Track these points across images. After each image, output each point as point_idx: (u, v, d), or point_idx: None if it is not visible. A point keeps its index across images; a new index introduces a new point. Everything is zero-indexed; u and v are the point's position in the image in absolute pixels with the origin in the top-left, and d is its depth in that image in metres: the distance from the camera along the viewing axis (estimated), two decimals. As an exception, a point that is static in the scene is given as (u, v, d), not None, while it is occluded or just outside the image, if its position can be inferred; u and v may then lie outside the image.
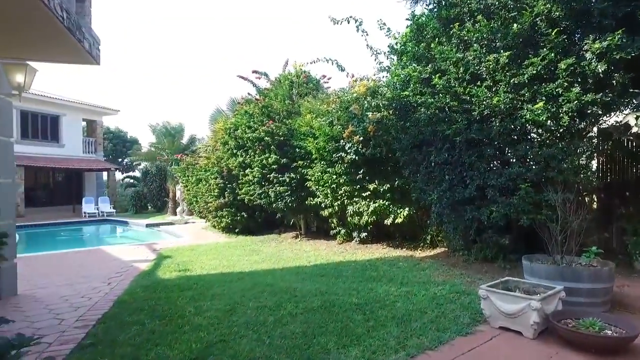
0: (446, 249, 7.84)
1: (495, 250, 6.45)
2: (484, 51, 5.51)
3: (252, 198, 11.15)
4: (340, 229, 9.66)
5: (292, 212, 10.75)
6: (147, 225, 17.27)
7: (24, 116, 21.49)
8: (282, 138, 9.95)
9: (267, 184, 10.52)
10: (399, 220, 7.90)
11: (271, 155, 10.07)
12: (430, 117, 6.08)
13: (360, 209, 8.38)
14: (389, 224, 8.09)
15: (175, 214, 19.57)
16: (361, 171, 8.20)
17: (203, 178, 13.68)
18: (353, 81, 7.15)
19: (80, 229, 18.24)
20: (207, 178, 13.36)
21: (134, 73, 63.11)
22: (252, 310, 4.73)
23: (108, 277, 7.02)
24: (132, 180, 29.53)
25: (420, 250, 8.21)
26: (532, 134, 5.80)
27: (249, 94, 10.79)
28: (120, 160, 29.40)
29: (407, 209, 7.86)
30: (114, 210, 22.55)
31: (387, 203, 8.06)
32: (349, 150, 7.95)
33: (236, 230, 12.62)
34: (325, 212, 9.33)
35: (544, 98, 5.19)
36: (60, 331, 4.30)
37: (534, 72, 5.19)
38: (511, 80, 5.37)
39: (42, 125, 22.45)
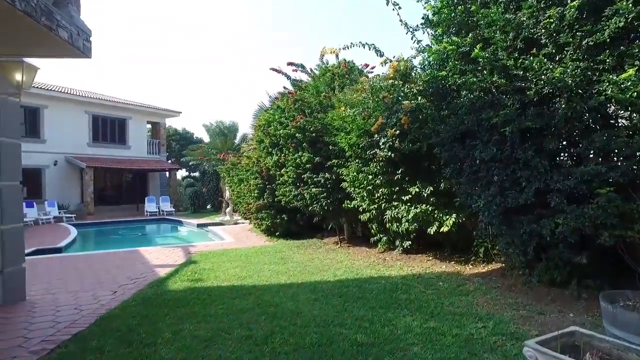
0: (503, 265, 6.39)
1: (567, 271, 4.91)
2: (542, 5, 4.11)
3: (288, 200, 10.35)
4: (381, 236, 8.51)
5: (330, 216, 9.77)
6: (198, 225, 17.27)
7: (95, 120, 22.74)
8: (313, 134, 9.01)
9: (301, 184, 9.66)
10: (444, 229, 6.60)
11: (304, 154, 9.18)
12: (472, 101, 4.78)
13: (399, 215, 7.18)
14: (432, 232, 6.81)
15: (226, 214, 19.44)
16: (399, 171, 7.01)
17: (244, 178, 13.19)
18: (382, 62, 5.99)
19: (137, 227, 18.75)
20: (247, 178, 12.84)
21: (196, 73, 65.82)
22: (234, 341, 3.85)
23: (120, 285, 6.60)
24: (191, 180, 30.35)
25: (472, 265, 6.83)
26: (616, 118, 4.27)
27: (284, 87, 10.03)
28: (185, 160, 30.33)
29: (454, 215, 6.54)
30: (173, 210, 23.12)
31: (430, 208, 6.79)
32: (382, 146, 6.81)
33: (277, 234, 11.92)
34: (364, 217, 8.24)
35: (636, 63, 3.69)
36: (12, 357, 3.74)
37: (621, 24, 3.66)
38: (583, 42, 3.89)
39: (110, 129, 23.63)
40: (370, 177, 7.60)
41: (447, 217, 6.63)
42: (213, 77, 64.21)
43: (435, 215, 6.78)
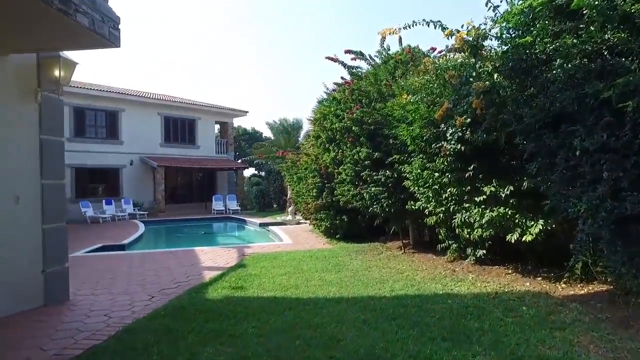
0: (610, 287, 5.01)
1: None
2: None
3: (346, 200, 9.52)
4: (450, 242, 7.36)
5: (392, 218, 8.78)
6: (261, 225, 17.04)
7: (167, 121, 23.64)
8: (372, 127, 8.08)
9: (360, 183, 8.77)
10: (528, 237, 5.36)
11: (362, 149, 8.29)
12: (570, 72, 3.59)
13: (471, 219, 6.04)
14: (512, 241, 5.60)
15: (289, 213, 19.06)
16: (471, 167, 5.87)
17: (303, 176, 12.59)
18: (446, 34, 4.87)
19: (202, 225, 19.03)
20: (306, 176, 12.21)
21: (266, 71, 67.09)
22: (253, 377, 3.11)
23: (161, 289, 6.23)
24: (258, 179, 30.63)
25: (565, 284, 5.50)
26: None
27: (342, 77, 9.23)
28: (250, 159, 30.74)
29: (541, 221, 5.28)
30: (239, 208, 23.32)
31: (510, 212, 5.58)
32: (450, 138, 5.72)
33: (337, 236, 11.13)
34: (430, 220, 7.16)
35: None
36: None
37: None
38: None
39: (180, 129, 24.45)
40: (436, 174, 6.53)
41: (532, 223, 5.38)
42: (281, 75, 65.18)
43: (517, 221, 5.55)
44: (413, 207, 7.50)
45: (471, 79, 5.15)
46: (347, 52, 9.23)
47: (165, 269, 7.84)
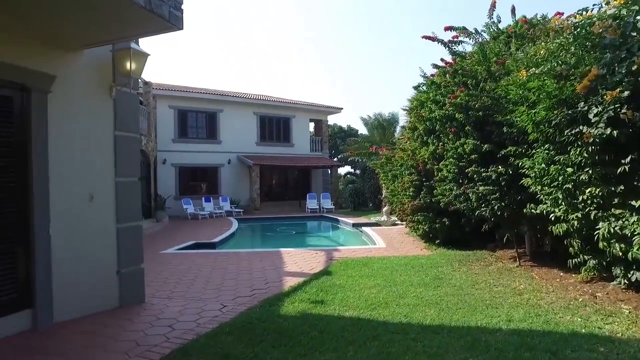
0: None
1: None
2: None
3: (448, 200, 8.20)
4: (586, 257, 5.68)
5: (505, 223, 7.27)
6: (354, 225, 16.22)
7: (262, 121, 24.06)
8: (480, 113, 6.66)
9: (465, 181, 7.40)
10: None
11: (467, 141, 6.92)
12: None
13: (626, 229, 4.44)
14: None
15: (384, 214, 17.96)
16: (627, 159, 4.29)
17: (398, 174, 11.43)
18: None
19: (294, 224, 18.79)
20: (401, 174, 11.04)
21: (361, 67, 65.94)
22: None
23: (236, 296, 5.71)
24: (352, 177, 29.87)
25: None
26: None
27: (441, 59, 7.89)
28: (344, 157, 30.16)
29: None
30: (333, 207, 22.79)
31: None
32: (595, 119, 4.21)
33: (436, 241, 9.80)
34: (558, 229, 5.59)
35: None
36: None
37: None
38: None
39: (276, 128, 24.72)
40: (569, 170, 5.00)
41: None
42: (378, 70, 63.78)
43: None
44: (533, 210, 6.00)
45: (634, 34, 3.63)
46: (448, 29, 7.89)
47: (247, 272, 7.37)
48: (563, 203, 5.24)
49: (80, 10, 3.79)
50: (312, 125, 27.57)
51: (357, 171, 29.47)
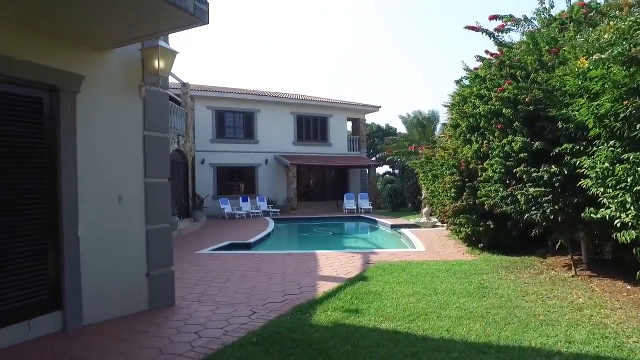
0: None
1: None
2: None
3: (493, 202, 7.62)
4: (657, 268, 5.02)
5: (558, 229, 6.64)
6: (392, 226, 15.74)
7: (299, 120, 23.94)
8: (530, 107, 6.07)
9: (513, 182, 6.82)
10: None
11: (516, 138, 6.35)
12: None
13: None
14: None
15: (423, 215, 17.36)
16: None
17: (439, 174, 10.87)
18: None
19: (331, 225, 18.51)
20: (442, 174, 10.48)
21: (401, 63, 64.61)
22: None
23: (267, 302, 5.49)
24: (391, 177, 29.20)
25: None
26: None
27: (485, 51, 7.30)
28: (382, 156, 29.50)
29: None
30: (371, 207, 22.31)
31: None
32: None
33: (480, 245, 9.20)
34: (625, 236, 4.95)
35: None
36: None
37: None
38: None
39: (313, 127, 24.54)
40: None
41: None
42: (417, 67, 62.39)
43: None
44: (593, 215, 5.37)
45: None
46: (493, 17, 7.31)
47: (280, 276, 7.15)
48: (632, 207, 4.62)
49: (105, 6, 3.65)
50: (349, 124, 27.21)
51: (396, 171, 28.81)
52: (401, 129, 35.54)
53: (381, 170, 31.02)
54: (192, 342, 4.01)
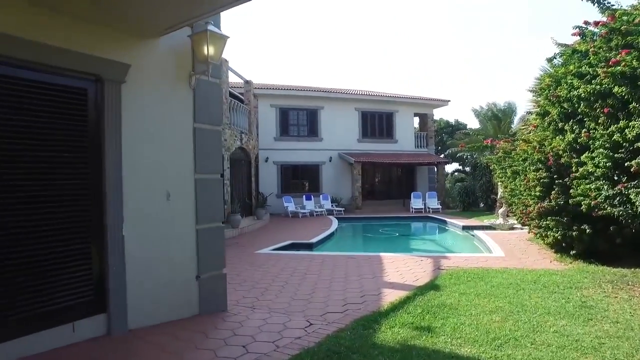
0: None
1: None
2: None
3: (593, 204, 6.41)
4: None
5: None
6: (464, 228, 14.56)
7: (364, 116, 23.22)
8: (652, 83, 4.89)
9: (623, 178, 5.62)
10: None
11: (632, 123, 5.16)
12: None
13: None
14: None
15: (499, 216, 15.89)
16: None
17: (520, 170, 9.63)
18: None
19: (397, 225, 17.58)
20: (524, 170, 9.26)
21: (469, 56, 61.03)
22: None
23: (326, 311, 4.93)
24: (461, 174, 27.42)
25: None
26: None
27: (584, 22, 6.07)
28: (451, 152, 27.81)
29: None
30: (440, 207, 21.03)
31: None
32: None
33: (572, 252, 7.93)
34: None
35: None
36: None
37: None
38: None
39: (378, 124, 23.69)
40: None
41: None
42: (489, 60, 58.68)
43: None
44: None
45: None
46: (596, -18, 6.09)
47: (342, 281, 6.56)
48: None
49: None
50: (416, 120, 25.97)
51: (467, 168, 27.05)
52: (472, 123, 33.47)
53: (450, 168, 29.32)
54: (238, 358, 3.54)
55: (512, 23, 58.33)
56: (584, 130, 6.38)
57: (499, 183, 13.48)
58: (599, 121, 5.86)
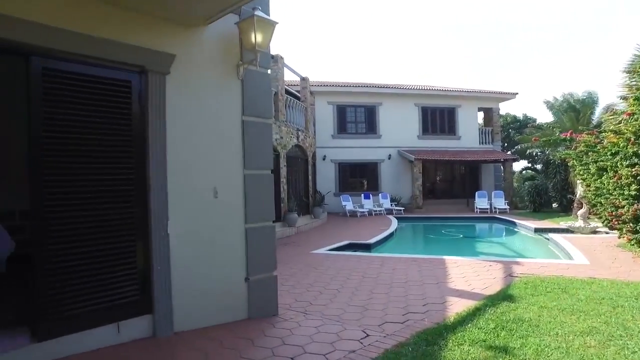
0: None
1: None
2: None
3: None
4: None
5: None
6: (536, 230, 13.30)
7: (424, 112, 22.27)
8: None
9: None
10: None
11: None
12: None
13: None
14: None
15: (578, 217, 14.38)
16: None
17: (608, 166, 8.48)
18: None
19: (461, 226, 16.53)
20: (614, 166, 8.12)
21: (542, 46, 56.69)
22: None
23: (384, 321, 4.48)
24: (531, 172, 25.39)
25: None
26: None
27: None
28: (520, 148, 25.80)
29: None
30: (508, 207, 19.56)
31: None
32: None
33: (675, 260, 6.80)
34: None
35: None
36: None
37: None
38: None
39: (439, 119, 22.61)
40: None
41: None
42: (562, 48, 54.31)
43: None
44: None
45: None
46: None
47: (401, 285, 6.05)
48: None
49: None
50: (480, 115, 24.46)
51: (537, 166, 25.02)
52: (543, 117, 30.99)
53: (518, 166, 27.32)
54: (287, 374, 3.19)
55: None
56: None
57: (579, 181, 12.11)
58: None
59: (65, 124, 3.35)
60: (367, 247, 10.42)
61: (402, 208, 19.72)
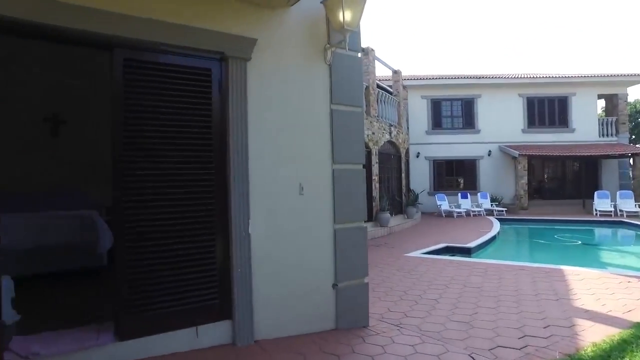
0: None
1: None
2: None
3: None
4: None
5: None
6: (681, 238, 11.04)
7: (530, 103, 20.14)
8: None
9: None
10: None
11: None
12: None
13: None
14: None
15: None
16: None
17: None
18: None
19: (578, 231, 14.40)
20: None
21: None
22: None
23: (495, 344, 3.76)
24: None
25: None
26: None
27: None
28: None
29: None
30: (638, 210, 16.71)
31: None
32: None
33: None
34: None
35: None
36: None
37: None
38: None
39: (548, 110, 20.22)
40: None
41: None
42: None
43: None
44: None
45: None
46: None
47: (512, 299, 5.17)
48: None
49: None
50: (600, 103, 21.36)
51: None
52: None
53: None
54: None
55: None
56: None
57: None
58: None
59: (144, 115, 3.20)
60: (466, 252, 9.43)
61: (504, 209, 17.94)
